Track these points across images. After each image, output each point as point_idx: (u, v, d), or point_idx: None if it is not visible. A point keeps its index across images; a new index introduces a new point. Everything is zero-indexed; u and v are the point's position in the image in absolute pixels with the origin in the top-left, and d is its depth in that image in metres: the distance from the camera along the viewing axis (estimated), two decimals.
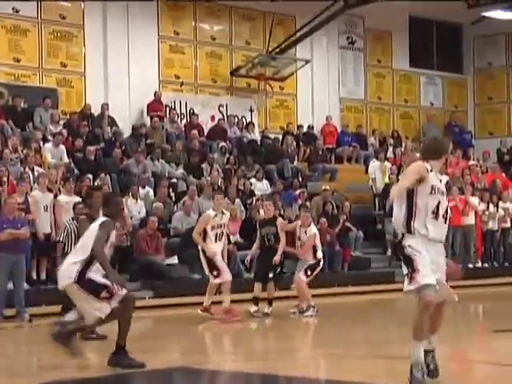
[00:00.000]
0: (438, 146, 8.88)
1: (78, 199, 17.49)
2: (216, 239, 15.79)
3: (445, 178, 8.87)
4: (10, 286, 15.78)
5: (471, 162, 28.85)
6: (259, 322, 16.36)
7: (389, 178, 26.16)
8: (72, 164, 20.83)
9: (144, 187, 20.81)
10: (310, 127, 27.86)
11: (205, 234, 15.70)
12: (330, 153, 27.46)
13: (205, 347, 13.91)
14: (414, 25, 30.96)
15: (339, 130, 28.79)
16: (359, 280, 22.14)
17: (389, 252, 23.99)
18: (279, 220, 16.94)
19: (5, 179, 17.82)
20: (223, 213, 16.09)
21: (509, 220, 25.09)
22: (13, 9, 23.00)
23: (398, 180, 26.10)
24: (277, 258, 16.37)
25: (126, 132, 23.83)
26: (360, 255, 23.34)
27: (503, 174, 27.92)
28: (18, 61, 23.11)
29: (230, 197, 21.73)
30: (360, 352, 11.93)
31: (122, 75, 24.25)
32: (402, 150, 28.73)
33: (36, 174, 18.74)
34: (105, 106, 23.52)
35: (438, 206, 8.70)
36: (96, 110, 23.40)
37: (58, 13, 23.81)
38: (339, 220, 22.99)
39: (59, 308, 15.31)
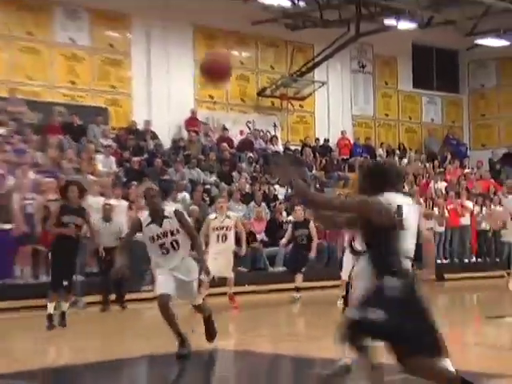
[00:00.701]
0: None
1: (124, 203, 17.63)
2: (218, 240, 15.56)
3: None
4: None
5: (466, 171, 28.81)
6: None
7: None
8: (120, 172, 20.92)
9: (182, 192, 20.84)
10: (326, 140, 27.83)
11: None
12: (343, 162, 27.42)
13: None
14: (416, 51, 30.90)
15: (352, 142, 28.76)
16: None
17: None
18: (311, 223, 17.06)
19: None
20: (227, 216, 15.87)
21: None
22: (70, 39, 23.11)
23: (403, 186, 26.11)
24: (313, 254, 17.28)
25: (167, 145, 23.92)
26: None
27: (492, 180, 27.86)
28: (74, 83, 23.21)
29: (256, 200, 21.76)
30: None
31: (163, 95, 24.29)
32: (407, 160, 28.74)
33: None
34: (148, 123, 23.60)
35: None
36: (140, 126, 23.49)
37: (107, 42, 23.90)
38: None
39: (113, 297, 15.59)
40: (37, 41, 22.56)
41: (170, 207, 10.43)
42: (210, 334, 10.12)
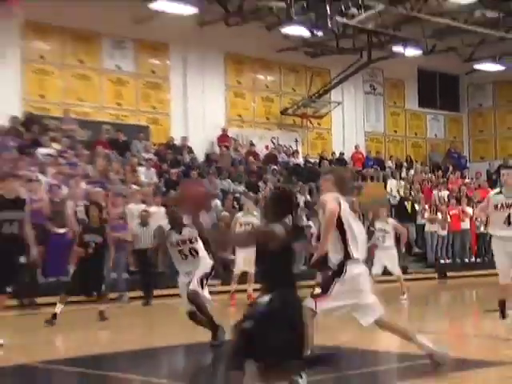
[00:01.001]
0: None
1: (164, 209, 17.70)
2: None
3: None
4: (114, 275, 15.94)
5: (466, 180, 28.68)
6: None
7: (403, 193, 26.02)
8: (160, 183, 21.00)
9: (214, 200, 20.87)
10: (342, 154, 27.75)
11: None
12: (357, 173, 27.35)
13: None
14: (421, 75, 30.80)
15: (364, 155, 28.71)
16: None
17: (403, 250, 23.78)
18: None
19: (109, 194, 17.96)
20: (252, 214, 15.89)
21: None
22: (116, 66, 23.24)
23: (410, 194, 26.05)
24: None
25: (201, 158, 23.96)
26: None
27: (489, 189, 27.68)
28: (120, 105, 23.33)
29: None
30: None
31: (198, 115, 24.37)
32: (413, 171, 28.66)
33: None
34: (184, 139, 23.66)
35: None
36: (178, 142, 23.55)
37: (149, 68, 24.01)
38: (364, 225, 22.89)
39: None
40: (87, 68, 22.70)
41: None
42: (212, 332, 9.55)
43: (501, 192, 10.62)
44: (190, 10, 21.95)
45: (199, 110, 24.50)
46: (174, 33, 23.24)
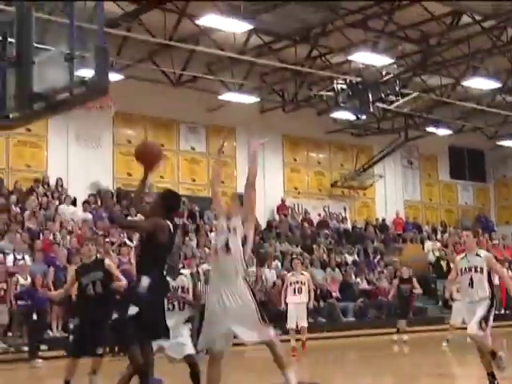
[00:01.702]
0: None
1: None
2: (295, 292, 14.80)
3: None
4: None
5: (494, 241, 28.12)
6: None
7: (439, 253, 25.66)
8: None
9: (274, 260, 20.80)
10: (384, 220, 27.59)
11: None
12: (398, 237, 27.07)
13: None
14: (452, 151, 30.57)
15: (404, 221, 28.44)
16: (419, 322, 21.52)
17: (440, 303, 23.33)
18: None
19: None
20: (302, 274, 15.13)
21: None
22: (191, 147, 23.60)
23: (445, 254, 25.61)
24: None
25: (263, 224, 23.95)
26: (420, 305, 22.76)
27: None
28: (195, 180, 23.59)
29: (331, 267, 21.57)
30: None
31: (260, 188, 24.33)
32: (447, 234, 28.26)
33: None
34: None
35: None
36: None
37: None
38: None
39: None
40: (167, 150, 23.08)
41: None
42: None
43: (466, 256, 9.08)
44: (252, 100, 22.29)
45: (261, 183, 24.63)
46: (240, 119, 23.56)
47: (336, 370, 12.70)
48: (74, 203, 19.47)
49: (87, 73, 5.32)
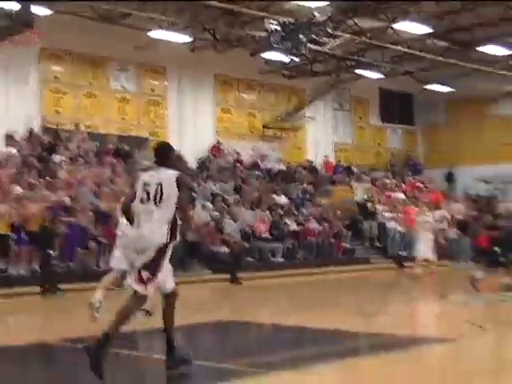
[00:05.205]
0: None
1: None
2: None
3: None
4: None
5: (421, 185, 28.90)
6: None
7: (367, 195, 26.22)
8: None
9: (206, 201, 20.88)
10: (314, 162, 27.92)
11: None
12: (328, 179, 27.48)
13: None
14: (382, 94, 30.97)
15: (334, 164, 28.83)
16: (348, 262, 22.07)
17: (366, 244, 23.95)
18: None
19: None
20: None
21: (446, 222, 24.87)
22: (121, 86, 23.23)
23: (372, 196, 26.22)
24: None
25: (194, 165, 23.96)
26: (348, 246, 23.31)
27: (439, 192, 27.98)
28: (124, 119, 23.32)
29: (261, 208, 21.82)
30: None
31: (192, 128, 24.48)
32: (377, 176, 28.83)
33: None
34: (180, 149, 23.49)
35: None
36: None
37: (149, 88, 24.02)
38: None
39: None
40: (96, 88, 22.70)
41: None
42: None
43: None
44: (183, 38, 22.04)
45: (192, 124, 24.56)
46: (171, 57, 23.29)
47: (265, 308, 13.00)
48: None
49: (13, 5, 5.24)
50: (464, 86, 28.10)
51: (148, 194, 6.53)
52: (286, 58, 23.13)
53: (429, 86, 29.25)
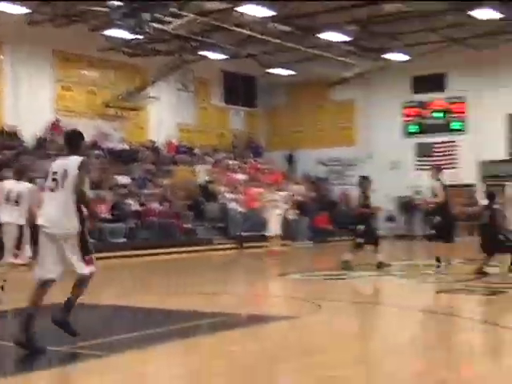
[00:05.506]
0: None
1: None
2: None
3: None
4: None
5: (262, 167, 29.50)
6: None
7: (209, 176, 26.41)
8: None
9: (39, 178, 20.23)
10: (157, 142, 27.76)
11: None
12: (170, 159, 27.42)
13: None
14: (226, 76, 31.23)
15: (177, 144, 28.79)
16: (190, 243, 22.15)
17: (208, 225, 24.12)
18: None
19: None
20: None
21: (290, 202, 25.52)
22: None
23: (214, 177, 26.44)
24: None
25: (32, 144, 23.12)
26: (190, 227, 23.39)
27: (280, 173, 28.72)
28: None
29: (103, 188, 21.46)
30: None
31: (28, 105, 23.59)
32: (220, 157, 29.12)
33: None
34: (16, 126, 22.72)
35: None
36: (10, 129, 22.60)
37: None
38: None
39: None
40: None
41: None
42: None
43: None
44: (20, 10, 21.14)
45: (29, 101, 23.65)
46: (7, 31, 22.31)
47: (109, 289, 12.80)
48: None
49: None
50: (304, 70, 28.89)
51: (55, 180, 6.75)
52: (127, 36, 22.74)
53: (271, 70, 29.81)
